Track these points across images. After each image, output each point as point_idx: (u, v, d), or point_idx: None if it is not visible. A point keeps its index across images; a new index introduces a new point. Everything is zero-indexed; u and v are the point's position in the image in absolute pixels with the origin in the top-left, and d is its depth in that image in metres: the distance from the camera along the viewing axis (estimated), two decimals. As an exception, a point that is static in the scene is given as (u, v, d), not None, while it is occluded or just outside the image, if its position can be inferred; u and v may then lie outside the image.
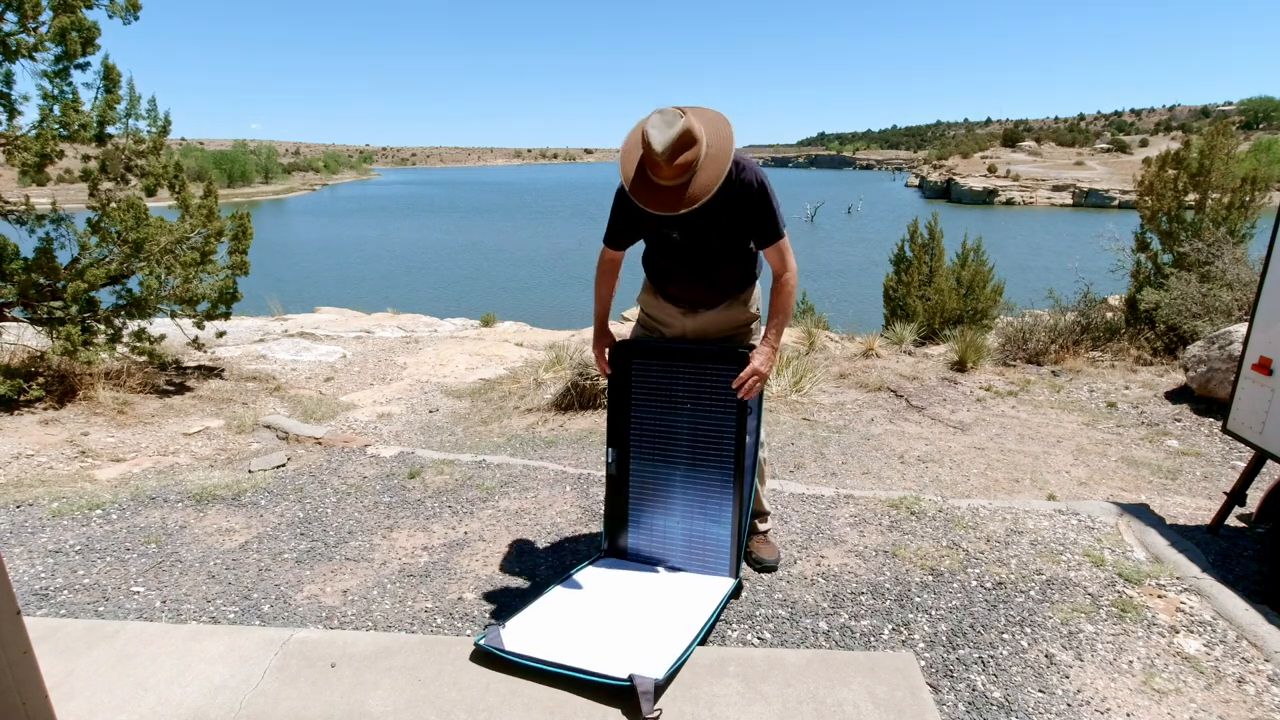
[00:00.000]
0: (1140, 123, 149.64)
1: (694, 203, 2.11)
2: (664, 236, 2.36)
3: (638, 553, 2.61)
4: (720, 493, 2.45)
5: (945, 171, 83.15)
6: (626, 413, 2.51)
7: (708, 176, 2.12)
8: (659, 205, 2.14)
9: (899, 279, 9.78)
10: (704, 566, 2.51)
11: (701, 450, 2.45)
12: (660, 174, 2.11)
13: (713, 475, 2.44)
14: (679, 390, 2.43)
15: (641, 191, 2.17)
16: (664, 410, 2.47)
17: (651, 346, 2.49)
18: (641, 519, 2.59)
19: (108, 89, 5.24)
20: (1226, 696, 2.04)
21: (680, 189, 2.12)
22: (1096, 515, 3.12)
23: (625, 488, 2.57)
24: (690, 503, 2.51)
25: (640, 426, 2.51)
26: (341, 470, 3.76)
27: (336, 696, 1.98)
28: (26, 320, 5.27)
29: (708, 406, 2.40)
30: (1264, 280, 2.91)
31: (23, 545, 2.95)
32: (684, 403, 2.43)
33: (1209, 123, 10.25)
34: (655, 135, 2.04)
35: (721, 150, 2.14)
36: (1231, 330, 5.23)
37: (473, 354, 7.64)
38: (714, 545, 2.50)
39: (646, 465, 2.54)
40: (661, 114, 2.08)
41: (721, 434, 2.40)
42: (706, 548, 2.51)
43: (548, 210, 66.32)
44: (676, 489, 2.52)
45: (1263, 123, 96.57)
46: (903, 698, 1.97)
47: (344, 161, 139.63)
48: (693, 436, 2.45)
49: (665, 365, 2.45)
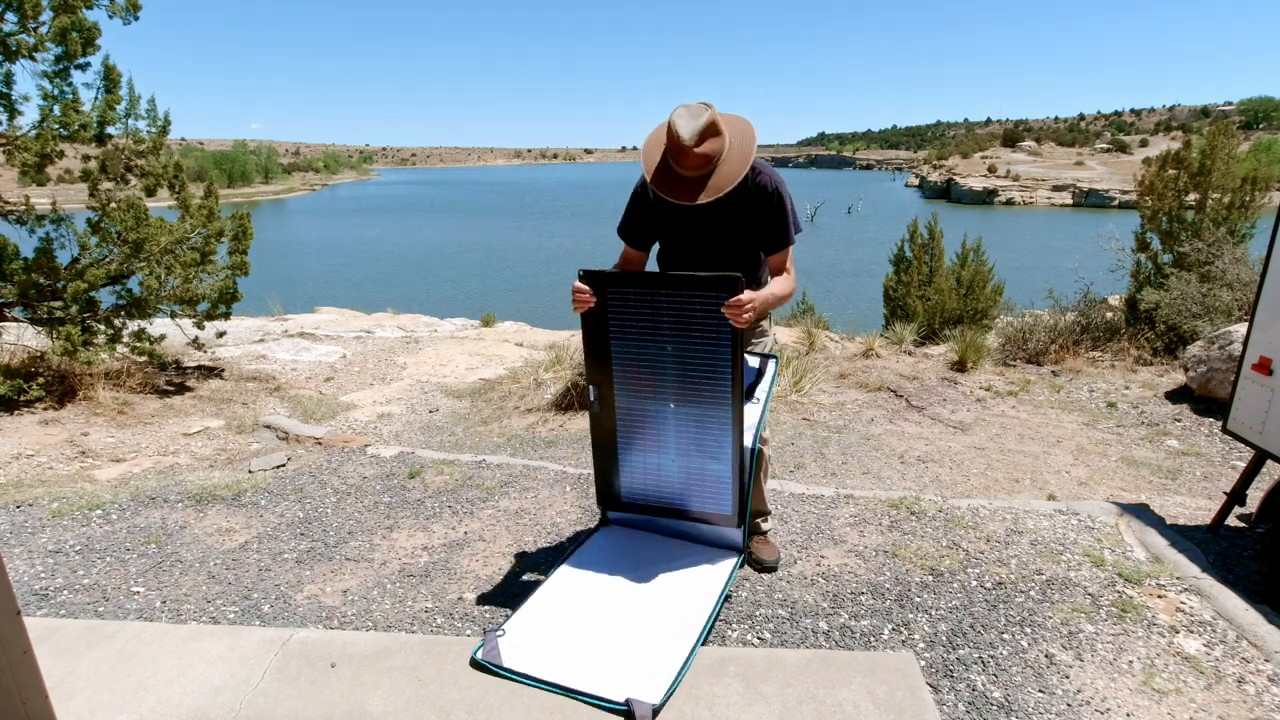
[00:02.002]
0: (1140, 123, 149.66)
1: (716, 193, 2.11)
2: (679, 238, 2.35)
3: (632, 497, 2.50)
4: (718, 427, 2.31)
5: (945, 171, 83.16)
6: (605, 346, 2.34)
7: (730, 169, 2.14)
8: (680, 195, 2.14)
9: (899, 279, 9.78)
10: (704, 503, 2.43)
11: (694, 383, 2.30)
12: (685, 162, 2.11)
13: (708, 408, 2.31)
14: (663, 321, 2.26)
15: (664, 183, 2.17)
16: (648, 343, 2.31)
17: (628, 276, 2.32)
18: (633, 459, 2.46)
19: (108, 89, 5.24)
20: (1226, 696, 2.04)
21: (702, 180, 2.14)
22: (1096, 515, 3.12)
23: (612, 426, 2.43)
24: (685, 439, 2.39)
25: (623, 360, 2.35)
26: (341, 470, 3.76)
27: (336, 696, 1.98)
28: (26, 320, 5.27)
29: (699, 337, 2.24)
30: (1264, 280, 2.91)
31: (23, 545, 2.95)
32: (669, 334, 2.26)
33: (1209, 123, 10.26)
34: (682, 125, 2.07)
35: (744, 147, 2.17)
36: (1231, 330, 5.23)
37: (473, 354, 7.64)
38: (714, 482, 2.40)
39: (634, 401, 2.39)
40: (687, 107, 2.12)
41: (716, 365, 2.24)
42: (706, 485, 2.42)
43: (548, 210, 66.33)
44: (669, 425, 2.39)
45: (1263, 123, 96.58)
46: (903, 698, 1.97)
47: (344, 161, 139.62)
48: (682, 369, 2.30)
49: (645, 294, 2.26)
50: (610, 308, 2.28)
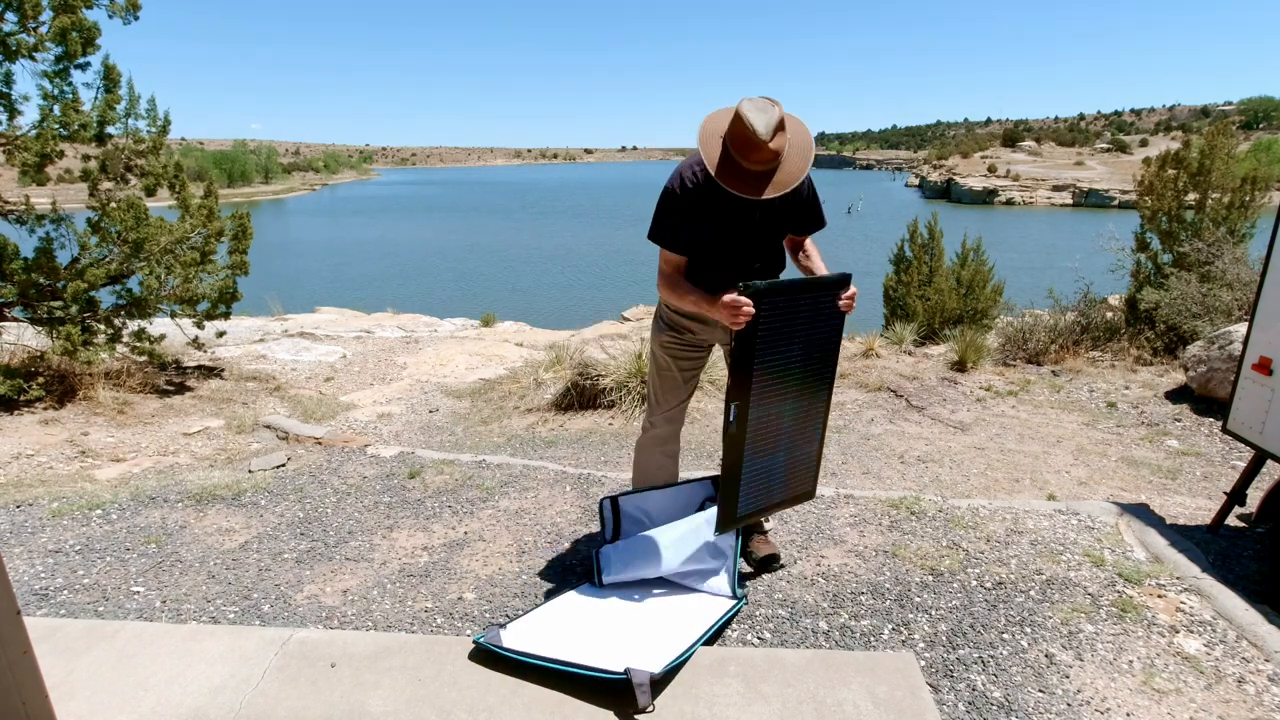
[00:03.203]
0: (1140, 123, 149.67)
1: (783, 189, 2.09)
2: (728, 236, 2.29)
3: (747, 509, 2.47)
4: (820, 409, 2.44)
5: (945, 171, 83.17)
6: (751, 360, 2.28)
7: (793, 166, 2.12)
8: (746, 190, 2.09)
9: (899, 279, 9.77)
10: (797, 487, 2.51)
11: (810, 378, 2.38)
12: (756, 157, 2.06)
13: (816, 396, 2.41)
14: (797, 324, 2.30)
15: (729, 177, 2.10)
16: (783, 349, 2.32)
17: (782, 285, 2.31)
18: (755, 472, 2.44)
19: (108, 89, 5.25)
20: (1226, 696, 2.04)
21: (768, 175, 2.10)
22: (1096, 515, 3.12)
23: (744, 443, 2.36)
24: (793, 433, 2.44)
25: (763, 371, 2.32)
26: (341, 470, 3.76)
27: (336, 696, 1.98)
28: (26, 320, 5.27)
29: (822, 332, 2.33)
30: (1264, 280, 2.91)
31: (23, 545, 2.95)
32: (800, 336, 2.32)
33: (1209, 123, 10.25)
34: (757, 118, 2.02)
35: (805, 144, 2.16)
36: (1231, 330, 5.23)
37: (473, 354, 7.64)
38: (806, 463, 2.48)
39: (763, 410, 2.37)
40: (752, 101, 2.06)
41: (829, 353, 2.39)
42: (798, 470, 2.48)
43: (548, 210, 66.31)
44: (785, 425, 2.42)
45: (1263, 123, 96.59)
46: (903, 698, 1.97)
47: (344, 161, 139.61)
48: (804, 367, 2.36)
49: (792, 301, 2.28)
50: (762, 319, 2.22)
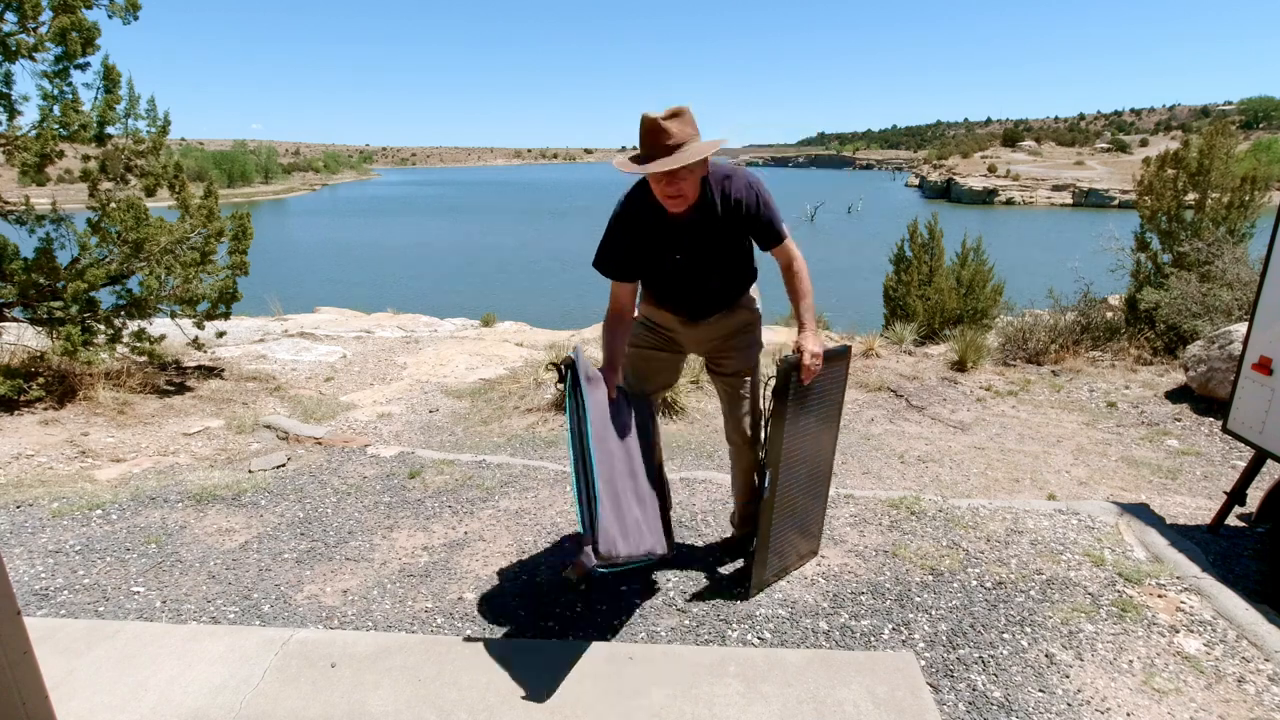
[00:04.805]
0: (1140, 123, 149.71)
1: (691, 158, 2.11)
2: (664, 259, 2.34)
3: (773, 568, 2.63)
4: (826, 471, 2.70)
5: (945, 171, 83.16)
6: (784, 423, 2.40)
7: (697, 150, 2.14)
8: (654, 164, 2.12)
9: (899, 279, 9.76)
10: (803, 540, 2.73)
11: (815, 431, 2.57)
12: (657, 139, 2.12)
13: (824, 439, 2.63)
14: (813, 388, 2.43)
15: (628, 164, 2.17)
16: (811, 414, 2.52)
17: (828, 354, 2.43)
18: (786, 527, 2.58)
19: (108, 89, 5.24)
20: (1226, 696, 2.04)
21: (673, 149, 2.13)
22: (1096, 515, 3.12)
23: (773, 505, 2.47)
24: (806, 486, 2.62)
25: (794, 435, 2.44)
26: (341, 470, 3.76)
27: (336, 696, 1.98)
28: (26, 320, 5.27)
29: (823, 396, 2.53)
30: (1264, 280, 2.91)
31: (23, 545, 2.95)
32: (815, 405, 2.50)
33: (1209, 122, 10.24)
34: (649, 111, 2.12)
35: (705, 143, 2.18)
36: (1231, 330, 5.23)
37: (473, 354, 7.64)
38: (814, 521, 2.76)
39: (787, 473, 2.48)
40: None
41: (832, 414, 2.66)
42: (809, 523, 2.73)
43: (548, 210, 66.31)
44: (802, 478, 2.59)
45: (1263, 123, 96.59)
46: (903, 697, 1.97)
47: (344, 161, 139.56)
48: (813, 430, 2.55)
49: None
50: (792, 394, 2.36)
